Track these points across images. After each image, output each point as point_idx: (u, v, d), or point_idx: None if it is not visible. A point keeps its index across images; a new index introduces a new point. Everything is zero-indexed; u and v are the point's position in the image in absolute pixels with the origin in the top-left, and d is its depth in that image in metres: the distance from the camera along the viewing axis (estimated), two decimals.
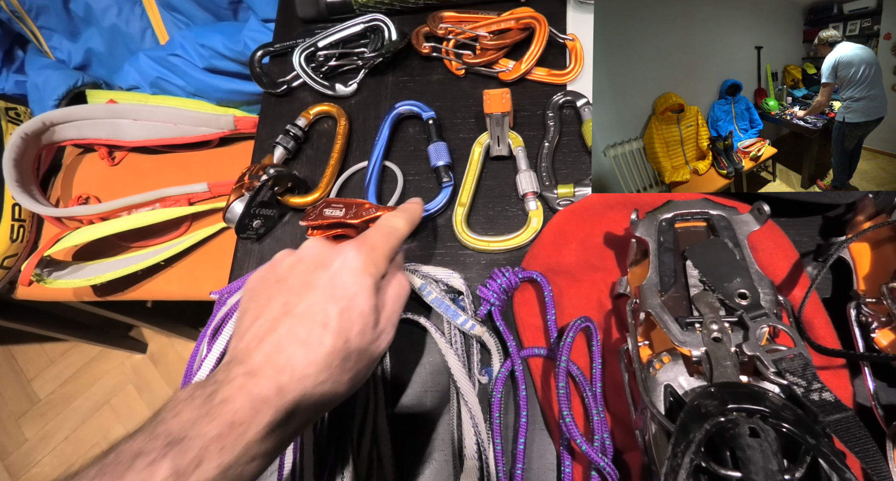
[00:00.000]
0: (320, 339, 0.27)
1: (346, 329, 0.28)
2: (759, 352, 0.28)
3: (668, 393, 0.30)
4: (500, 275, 0.40)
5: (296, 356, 0.27)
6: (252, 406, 0.25)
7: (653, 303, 0.32)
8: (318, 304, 0.28)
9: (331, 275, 0.29)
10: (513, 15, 0.49)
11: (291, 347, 0.27)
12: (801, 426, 0.25)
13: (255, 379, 0.26)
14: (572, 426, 0.33)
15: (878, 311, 0.31)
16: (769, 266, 0.36)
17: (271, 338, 0.27)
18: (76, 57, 0.93)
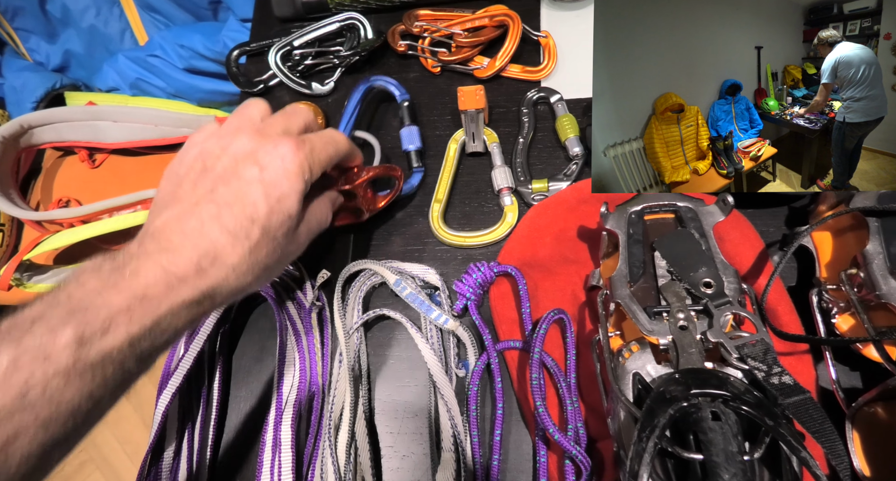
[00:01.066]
0: (248, 232, 0.28)
1: (273, 228, 0.29)
2: (723, 339, 0.29)
3: (637, 380, 0.30)
4: (475, 270, 0.40)
5: (221, 243, 0.27)
6: (167, 282, 0.25)
7: (622, 293, 0.32)
8: (248, 197, 0.28)
9: (263, 170, 0.29)
10: (487, 12, 0.50)
11: (217, 234, 0.27)
12: (760, 408, 0.25)
13: (171, 256, 0.26)
14: (545, 416, 0.33)
15: (838, 298, 0.32)
16: (736, 256, 0.37)
17: (193, 221, 0.27)
18: (54, 59, 0.92)
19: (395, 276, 0.40)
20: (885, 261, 0.29)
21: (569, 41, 0.50)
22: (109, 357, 0.23)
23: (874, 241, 0.30)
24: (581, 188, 0.43)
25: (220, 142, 0.30)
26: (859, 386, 0.33)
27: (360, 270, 0.42)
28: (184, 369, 0.38)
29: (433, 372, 0.38)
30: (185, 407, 0.40)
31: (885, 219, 0.31)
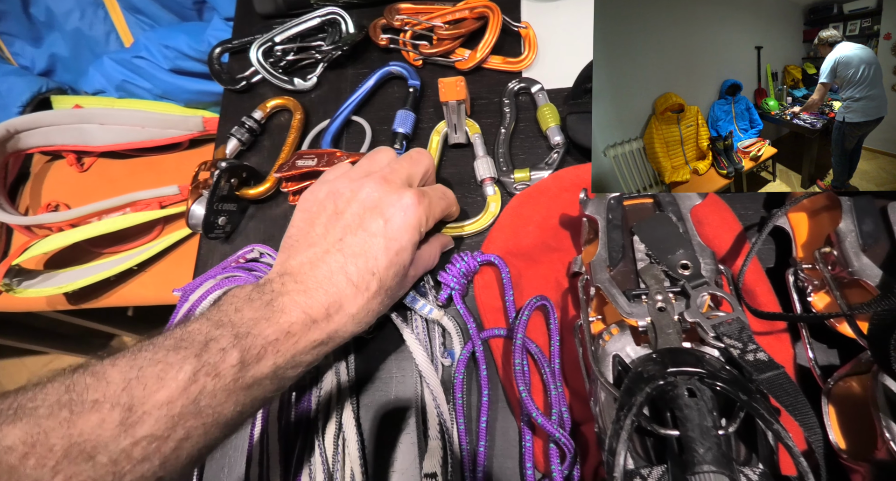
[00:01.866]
0: (368, 285, 0.31)
1: (389, 278, 0.32)
2: (700, 319, 0.29)
3: (617, 362, 0.31)
4: (459, 260, 0.41)
5: (346, 294, 0.30)
6: (304, 321, 0.29)
7: (602, 277, 0.33)
8: (371, 250, 0.31)
9: (387, 223, 0.32)
10: (467, 4, 0.50)
11: (343, 285, 0.30)
12: (735, 384, 0.26)
13: (308, 300, 0.29)
14: (528, 401, 0.33)
15: (813, 276, 0.32)
16: (715, 239, 0.37)
17: (324, 269, 0.31)
18: (40, 62, 0.92)
19: None
20: (857, 238, 0.30)
21: (549, 32, 0.50)
22: (259, 380, 0.27)
23: (846, 220, 0.30)
24: (562, 176, 0.43)
25: (351, 186, 0.34)
26: (836, 363, 0.33)
27: None
28: None
29: (419, 362, 0.38)
30: None
31: (857, 198, 0.31)
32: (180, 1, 0.86)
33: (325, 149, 0.45)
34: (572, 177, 0.43)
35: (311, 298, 0.29)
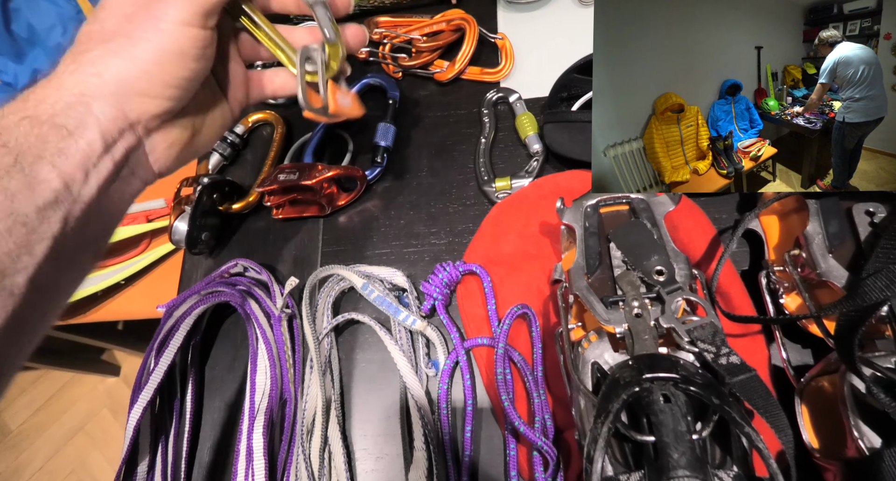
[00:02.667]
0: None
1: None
2: (674, 324, 0.30)
3: (595, 369, 0.31)
4: (441, 270, 0.41)
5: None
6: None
7: (580, 285, 0.33)
8: None
9: None
10: (444, 17, 0.51)
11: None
12: (708, 388, 0.26)
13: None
14: (511, 410, 0.34)
15: (784, 278, 0.33)
16: (690, 243, 0.38)
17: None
18: (23, 79, 0.91)
19: (362, 280, 0.41)
20: (823, 240, 0.30)
21: (525, 42, 0.51)
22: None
23: (814, 222, 0.31)
24: (541, 185, 0.44)
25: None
26: (810, 363, 0.34)
27: (328, 276, 0.43)
28: (154, 382, 0.39)
29: (403, 374, 0.39)
30: (158, 420, 0.40)
31: (822, 201, 0.32)
32: None
33: (307, 163, 0.45)
34: (551, 186, 0.43)
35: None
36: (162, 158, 0.28)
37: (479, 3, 0.54)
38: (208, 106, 0.31)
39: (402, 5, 0.54)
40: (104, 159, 0.25)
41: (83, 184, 0.24)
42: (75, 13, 0.87)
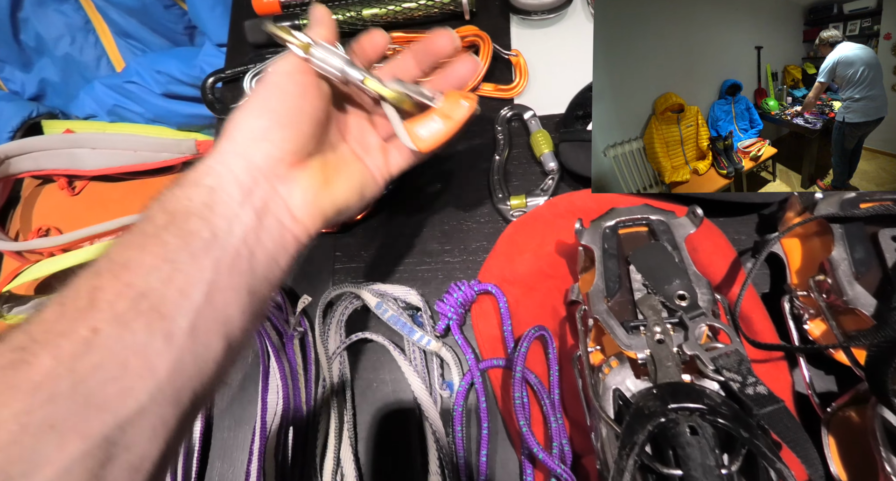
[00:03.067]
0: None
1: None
2: (698, 351, 0.29)
3: (617, 396, 0.30)
4: (456, 289, 0.41)
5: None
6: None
7: (599, 308, 0.33)
8: None
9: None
10: (458, 33, 0.50)
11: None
12: (736, 421, 0.26)
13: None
14: (529, 435, 0.33)
15: (808, 304, 0.32)
16: (709, 265, 0.37)
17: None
18: (30, 87, 0.92)
19: (376, 299, 0.40)
20: (849, 266, 0.30)
21: (539, 58, 0.51)
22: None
23: (839, 248, 0.31)
24: (557, 203, 0.43)
25: None
26: (834, 390, 0.33)
27: (341, 294, 0.42)
28: None
29: (417, 394, 0.38)
30: None
31: (847, 226, 0.31)
32: (171, 26, 0.86)
33: None
34: (566, 204, 0.43)
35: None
36: (300, 204, 0.29)
37: (492, 19, 0.54)
38: (339, 161, 0.33)
39: (415, 20, 0.54)
40: (245, 207, 0.27)
41: (228, 234, 0.26)
42: (83, 23, 0.87)
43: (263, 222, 0.27)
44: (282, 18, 0.54)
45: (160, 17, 0.84)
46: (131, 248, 0.24)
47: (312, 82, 0.30)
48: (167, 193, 0.26)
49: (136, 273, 0.23)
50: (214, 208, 0.26)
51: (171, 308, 0.23)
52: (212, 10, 0.75)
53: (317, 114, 0.30)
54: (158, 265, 0.23)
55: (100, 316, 0.21)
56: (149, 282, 0.23)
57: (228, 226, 0.26)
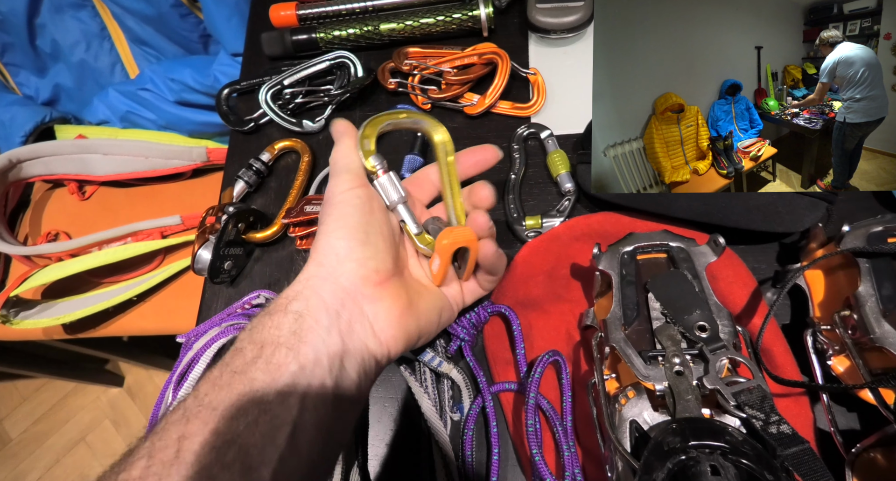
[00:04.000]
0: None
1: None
2: (720, 386, 0.28)
3: (634, 428, 0.30)
4: (468, 310, 0.40)
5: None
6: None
7: (616, 337, 0.32)
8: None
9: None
10: (475, 50, 0.50)
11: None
12: (759, 462, 0.25)
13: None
14: (541, 465, 0.33)
15: (832, 339, 0.32)
16: (729, 294, 0.37)
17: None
18: (44, 92, 0.92)
19: None
20: (877, 303, 0.29)
21: (557, 77, 0.50)
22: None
23: (866, 283, 0.30)
24: (574, 225, 0.43)
25: None
26: (857, 428, 0.33)
27: None
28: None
29: (428, 417, 0.37)
30: None
31: (874, 260, 0.31)
32: (186, 34, 0.87)
33: None
34: (583, 227, 0.42)
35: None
36: (385, 325, 0.29)
37: (510, 36, 0.54)
38: (418, 284, 0.33)
39: (433, 36, 0.54)
40: (332, 332, 0.27)
41: (315, 364, 0.26)
42: (99, 30, 0.88)
43: (349, 346, 0.27)
44: (298, 31, 0.54)
45: (176, 26, 0.85)
46: (220, 388, 0.24)
47: (374, 195, 0.32)
48: (257, 322, 0.27)
49: (224, 416, 0.23)
50: (303, 337, 0.26)
51: (256, 458, 0.23)
52: (228, 20, 0.75)
53: (386, 227, 0.32)
54: (246, 408, 0.23)
55: (185, 471, 0.21)
56: (236, 428, 0.23)
57: (315, 356, 0.26)
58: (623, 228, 0.41)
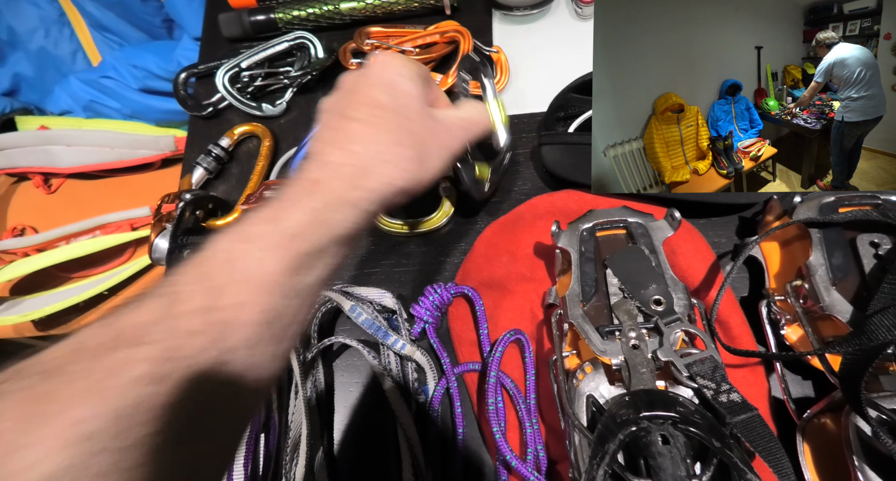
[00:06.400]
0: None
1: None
2: (673, 357, 0.29)
3: (591, 403, 0.30)
4: (432, 292, 0.40)
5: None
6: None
7: (575, 313, 0.32)
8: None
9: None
10: (437, 29, 0.50)
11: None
12: (709, 430, 0.25)
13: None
14: (502, 442, 0.33)
15: (786, 309, 0.32)
16: (689, 268, 0.37)
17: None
18: (3, 82, 0.89)
19: (350, 302, 0.39)
20: (827, 272, 0.29)
21: (521, 56, 0.50)
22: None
23: (816, 253, 0.30)
24: (536, 204, 0.42)
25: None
26: (811, 396, 0.33)
27: None
28: None
29: (391, 400, 0.37)
30: None
31: (826, 231, 0.31)
32: (149, 19, 0.84)
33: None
34: (546, 205, 0.42)
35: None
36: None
37: (474, 14, 0.53)
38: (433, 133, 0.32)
39: (395, 15, 0.53)
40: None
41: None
42: (58, 16, 0.85)
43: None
44: (257, 12, 0.53)
45: (137, 10, 0.82)
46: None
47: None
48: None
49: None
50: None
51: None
52: (189, 3, 0.73)
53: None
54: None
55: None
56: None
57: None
58: (585, 205, 0.40)
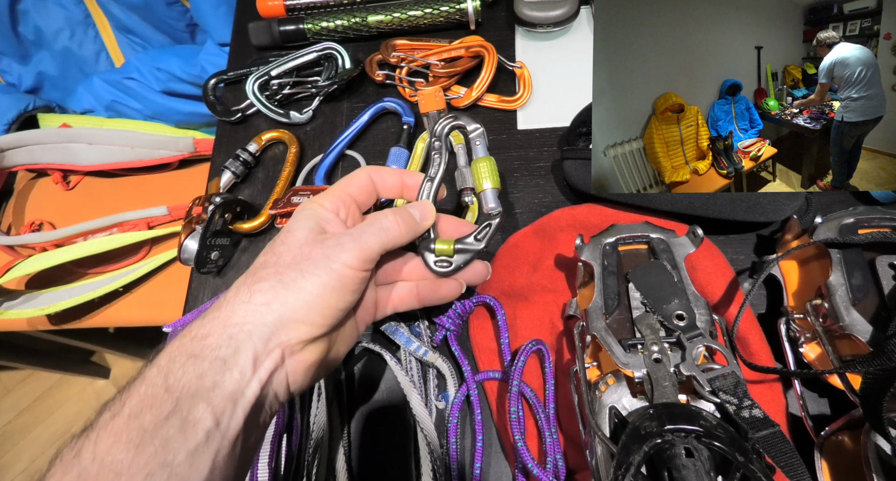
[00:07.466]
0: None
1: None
2: (695, 372, 0.29)
3: (613, 414, 0.31)
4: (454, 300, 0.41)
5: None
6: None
7: (597, 326, 0.33)
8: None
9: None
10: (462, 43, 0.51)
11: None
12: (732, 444, 0.26)
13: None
14: (524, 451, 0.33)
15: (805, 327, 0.33)
16: (708, 284, 0.38)
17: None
18: (27, 80, 0.91)
19: None
20: (846, 292, 0.30)
21: (543, 71, 0.51)
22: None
23: (836, 273, 0.31)
24: (558, 217, 0.43)
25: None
26: (828, 413, 0.34)
27: None
28: None
29: (413, 405, 0.38)
30: None
31: (845, 251, 0.32)
32: (172, 23, 0.86)
33: (321, 186, 0.45)
34: (567, 218, 0.43)
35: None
36: (300, 379, 0.29)
37: (497, 30, 0.54)
38: (342, 328, 0.32)
39: (420, 29, 0.54)
40: (252, 383, 0.26)
41: (231, 416, 0.25)
42: (83, 17, 0.86)
43: (265, 393, 0.26)
44: (286, 22, 0.54)
45: (162, 14, 0.84)
46: (126, 447, 0.22)
47: (368, 276, 0.31)
48: (175, 364, 0.24)
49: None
50: (223, 388, 0.25)
51: None
52: (215, 9, 0.74)
53: (355, 302, 0.31)
54: (154, 472, 0.22)
55: None
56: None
57: (233, 410, 0.25)
58: (606, 220, 0.41)
